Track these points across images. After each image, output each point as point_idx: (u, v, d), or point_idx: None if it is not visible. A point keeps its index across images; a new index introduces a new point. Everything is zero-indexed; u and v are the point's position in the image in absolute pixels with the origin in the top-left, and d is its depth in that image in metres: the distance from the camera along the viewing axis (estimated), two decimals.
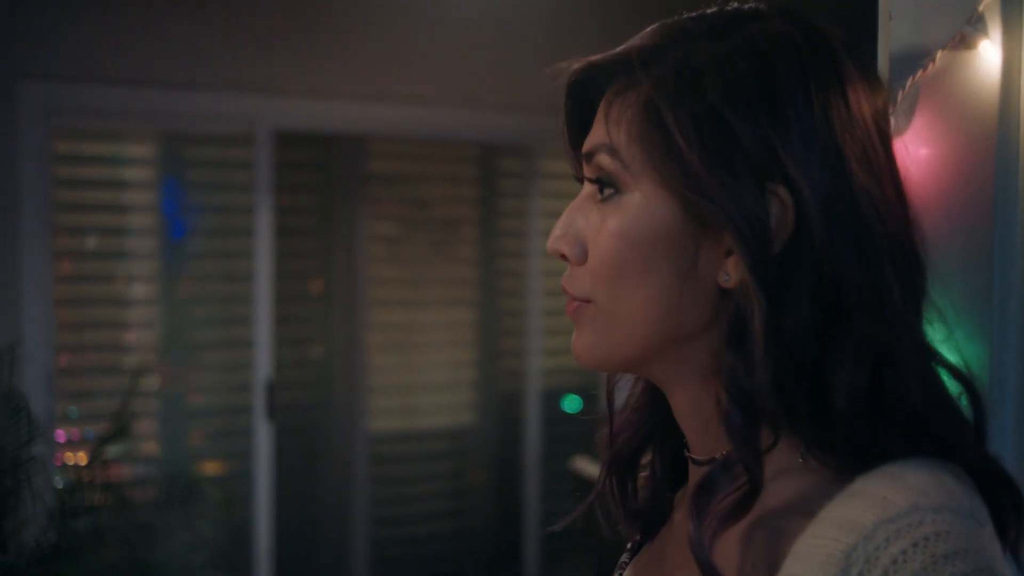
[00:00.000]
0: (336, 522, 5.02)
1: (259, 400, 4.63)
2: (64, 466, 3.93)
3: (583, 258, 1.04)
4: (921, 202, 1.15)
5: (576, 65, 1.08)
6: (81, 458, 3.79)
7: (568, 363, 5.34)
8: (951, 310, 1.07)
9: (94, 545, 3.40)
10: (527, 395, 5.27)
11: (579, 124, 1.10)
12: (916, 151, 1.17)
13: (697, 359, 1.02)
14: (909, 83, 1.16)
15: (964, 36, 1.13)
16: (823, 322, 0.95)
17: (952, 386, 1.01)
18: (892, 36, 1.18)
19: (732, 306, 0.97)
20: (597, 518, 1.21)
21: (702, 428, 1.05)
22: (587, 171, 1.05)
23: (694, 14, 1.04)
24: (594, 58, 1.06)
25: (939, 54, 1.15)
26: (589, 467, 4.60)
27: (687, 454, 1.09)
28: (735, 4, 1.04)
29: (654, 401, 1.15)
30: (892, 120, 1.19)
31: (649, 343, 1.02)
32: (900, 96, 1.17)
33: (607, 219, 1.01)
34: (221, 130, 4.64)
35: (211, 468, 4.60)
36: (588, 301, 1.03)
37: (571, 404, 5.32)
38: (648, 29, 1.05)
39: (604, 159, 1.02)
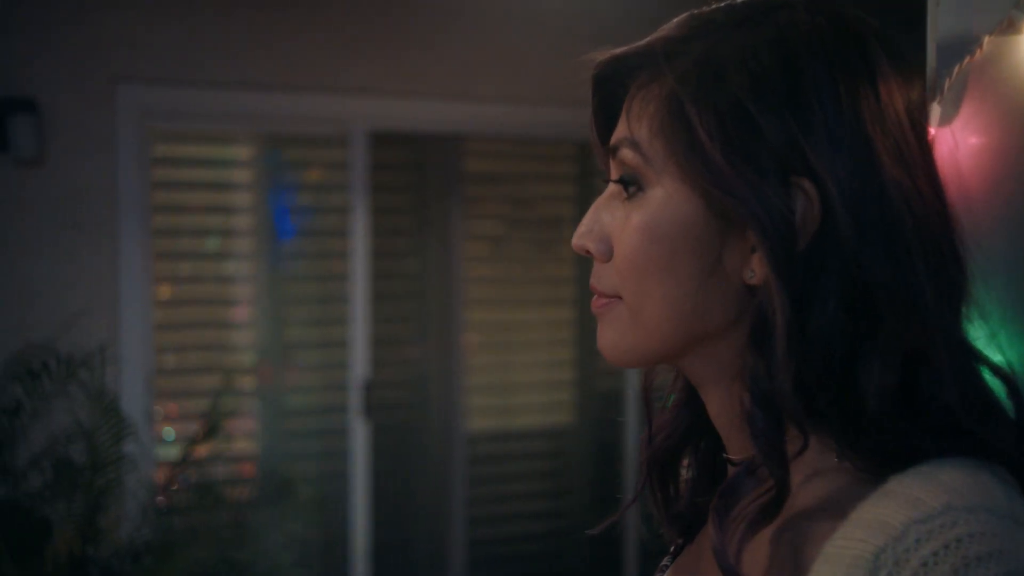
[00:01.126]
0: (433, 521, 5.03)
1: (356, 399, 4.65)
2: (160, 464, 3.99)
3: (609, 255, 1.01)
4: (969, 193, 1.09)
5: (601, 58, 1.05)
6: (176, 457, 3.84)
7: None
8: (996, 307, 1.02)
9: (187, 543, 3.44)
10: (626, 394, 5.23)
11: (606, 119, 1.08)
12: (965, 140, 1.11)
13: (724, 358, 0.99)
14: (956, 70, 1.11)
15: (1011, 20, 1.07)
16: (852, 320, 0.92)
17: (996, 385, 0.97)
18: (939, 22, 1.13)
19: (756, 304, 0.94)
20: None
21: (734, 428, 1.02)
22: (612, 166, 1.02)
23: (724, 4, 1.01)
24: (618, 51, 1.04)
25: (986, 40, 1.09)
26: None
27: (724, 455, 1.06)
28: None
29: (691, 399, 1.12)
30: (939, 108, 1.14)
31: (673, 340, 0.99)
32: (947, 84, 1.12)
33: (631, 215, 0.99)
34: (316, 131, 4.67)
35: (307, 467, 4.63)
36: (615, 297, 1.01)
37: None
38: (675, 20, 1.02)
39: (627, 154, 0.99)
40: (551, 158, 5.22)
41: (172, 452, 4.01)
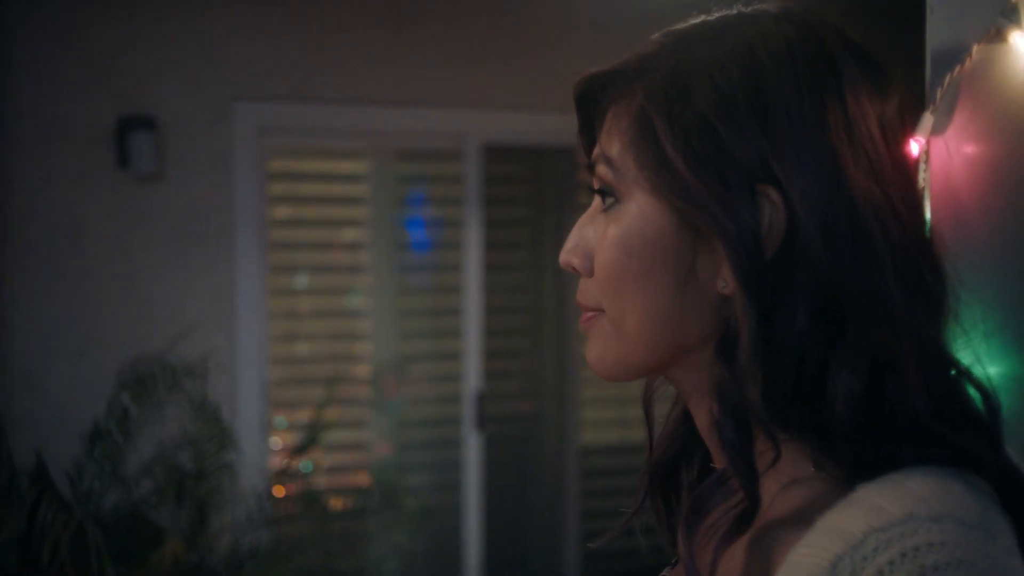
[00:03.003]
0: (546, 535, 5.02)
1: (469, 411, 4.68)
2: (271, 474, 4.06)
3: (591, 270, 1.02)
4: (960, 203, 1.07)
5: (579, 77, 1.07)
6: (286, 465, 3.91)
7: None
8: (986, 316, 1.00)
9: (291, 551, 3.50)
10: None
11: (590, 137, 1.09)
12: (958, 149, 1.09)
13: (705, 369, 0.99)
14: (948, 79, 1.08)
15: (999, 29, 1.05)
16: (820, 328, 0.92)
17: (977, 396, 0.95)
18: (933, 32, 1.10)
19: (723, 314, 0.95)
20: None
21: (715, 439, 1.01)
22: (593, 182, 1.04)
23: (698, 19, 1.03)
24: (595, 69, 1.06)
25: (975, 48, 1.06)
26: None
27: (712, 466, 1.06)
28: (742, 5, 1.02)
29: (687, 412, 1.12)
30: (932, 118, 1.11)
31: (656, 351, 0.99)
32: (939, 94, 1.09)
33: (608, 228, 1.00)
34: (431, 145, 4.72)
35: (420, 479, 4.67)
36: (599, 311, 1.02)
37: None
38: (652, 37, 1.04)
39: (601, 169, 1.01)
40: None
41: (285, 461, 4.08)
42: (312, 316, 4.66)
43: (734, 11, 1.01)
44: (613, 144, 1.00)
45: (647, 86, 0.98)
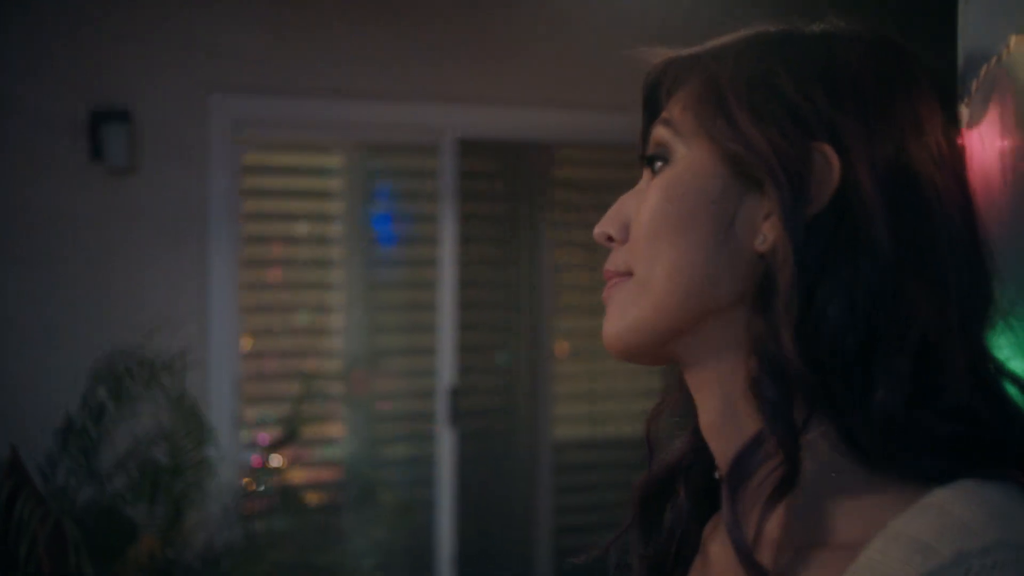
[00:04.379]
0: (519, 530, 5.01)
1: (443, 406, 4.66)
2: (242, 469, 4.03)
3: (626, 236, 1.01)
4: (994, 197, 1.07)
5: (654, 64, 1.05)
6: (262, 462, 3.88)
7: None
8: (1020, 313, 0.99)
9: (267, 547, 3.47)
10: None
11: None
12: (992, 143, 1.09)
13: (730, 332, 0.96)
14: (983, 71, 1.08)
15: None
16: (871, 301, 0.90)
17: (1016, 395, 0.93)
18: (965, 22, 1.10)
19: (766, 269, 0.93)
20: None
21: (730, 426, 0.98)
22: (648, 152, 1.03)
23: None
24: (668, 57, 1.04)
25: (1012, 39, 1.06)
26: None
27: (717, 476, 1.02)
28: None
29: (696, 430, 1.09)
30: (967, 111, 1.11)
31: (681, 311, 0.96)
32: (975, 86, 1.09)
33: (653, 182, 0.99)
34: (406, 139, 4.70)
35: (394, 474, 4.65)
36: (625, 275, 1.00)
37: None
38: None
39: (658, 131, 1.00)
40: (640, 165, 5.18)
41: (260, 457, 4.05)
42: (285, 311, 4.62)
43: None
44: (675, 107, 0.99)
45: (719, 58, 0.98)
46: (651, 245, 0.97)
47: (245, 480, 3.82)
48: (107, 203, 4.17)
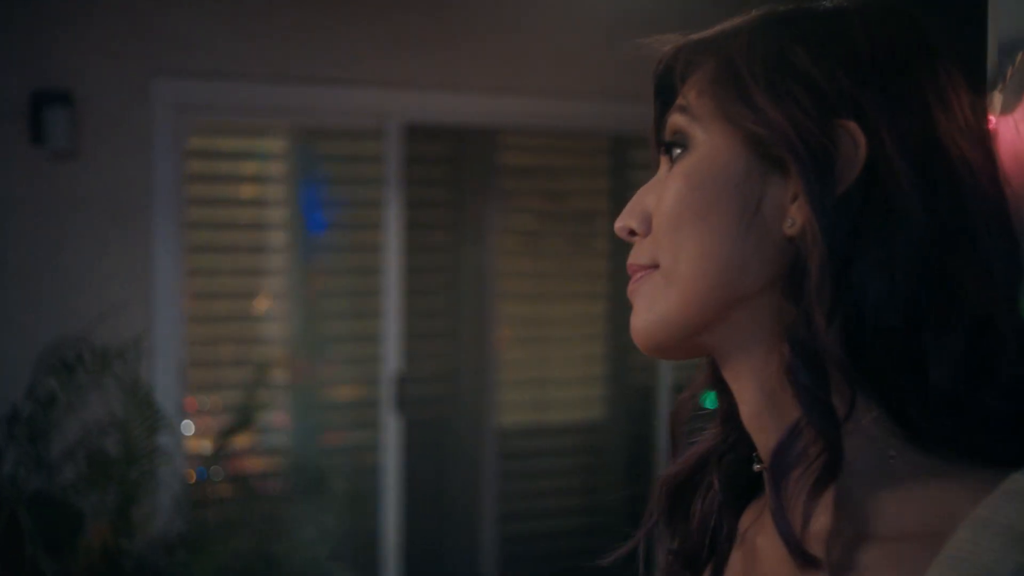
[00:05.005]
0: (464, 516, 5.01)
1: (388, 393, 4.64)
2: (193, 457, 3.99)
3: (649, 229, 0.98)
4: None
5: (665, 48, 1.02)
6: (209, 449, 3.84)
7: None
8: None
9: (221, 536, 3.44)
10: (659, 389, 5.20)
11: (663, 111, 1.04)
12: None
13: (762, 320, 0.94)
14: (1020, 57, 1.08)
15: None
16: (912, 277, 0.88)
17: None
18: (1000, 8, 1.10)
19: (796, 253, 0.91)
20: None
21: (771, 417, 0.95)
22: (660, 142, 1.01)
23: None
24: (679, 42, 1.02)
25: None
26: None
27: (758, 468, 1.00)
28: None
29: (726, 420, 1.06)
30: (1001, 97, 1.11)
31: (710, 301, 0.94)
32: (1009, 72, 1.09)
33: (673, 171, 0.97)
34: (351, 124, 4.66)
35: (339, 462, 4.62)
36: (652, 267, 0.97)
37: (712, 400, 5.23)
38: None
39: (675, 118, 0.98)
40: (585, 152, 5.19)
41: (205, 445, 4.00)
42: (230, 296, 4.57)
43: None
44: (691, 92, 0.97)
45: (733, 39, 0.96)
46: (675, 235, 0.94)
47: (194, 469, 3.77)
48: (49, 188, 4.09)
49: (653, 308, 0.96)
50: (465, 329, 5.00)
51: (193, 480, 3.62)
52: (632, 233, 0.99)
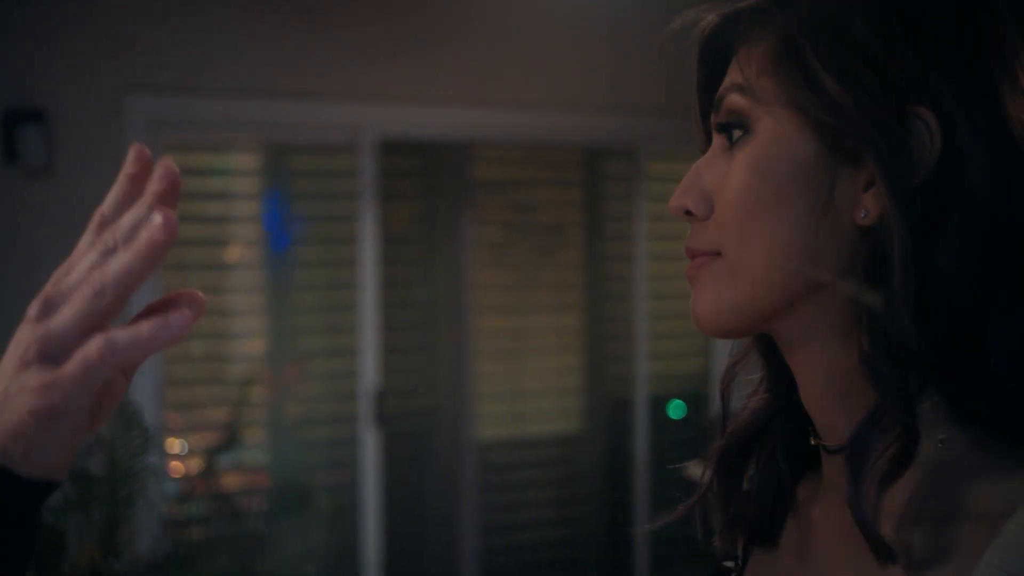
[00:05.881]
0: (444, 530, 5.00)
1: (367, 408, 4.62)
2: (176, 476, 3.95)
3: (708, 212, 0.96)
4: None
5: (710, 16, 1.00)
6: (192, 468, 3.80)
7: (676, 368, 5.28)
8: None
9: (206, 554, 3.41)
10: (635, 401, 5.21)
11: (712, 87, 1.01)
12: None
13: (833, 310, 0.93)
14: None
15: None
16: (980, 266, 0.87)
17: None
18: None
19: (870, 242, 0.89)
20: (696, 525, 1.12)
21: (831, 402, 0.96)
22: (716, 120, 0.97)
23: None
24: (727, 8, 0.99)
25: None
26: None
27: (816, 442, 1.00)
28: None
29: (775, 383, 1.06)
30: None
31: (780, 293, 0.93)
32: None
33: (736, 155, 0.94)
34: (325, 139, 4.64)
35: (320, 477, 4.60)
36: (713, 254, 0.95)
37: (676, 410, 5.25)
38: None
39: (733, 98, 0.95)
40: (558, 163, 5.20)
41: (190, 463, 3.96)
42: (207, 314, 4.53)
43: None
44: (750, 70, 0.94)
45: (790, 13, 0.92)
46: (744, 226, 0.92)
47: (180, 487, 3.74)
48: (23, 206, 4.05)
49: (720, 298, 0.95)
50: (442, 342, 4.99)
51: (177, 498, 3.59)
52: (688, 213, 0.97)
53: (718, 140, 0.97)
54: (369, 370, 4.62)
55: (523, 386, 5.13)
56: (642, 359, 5.20)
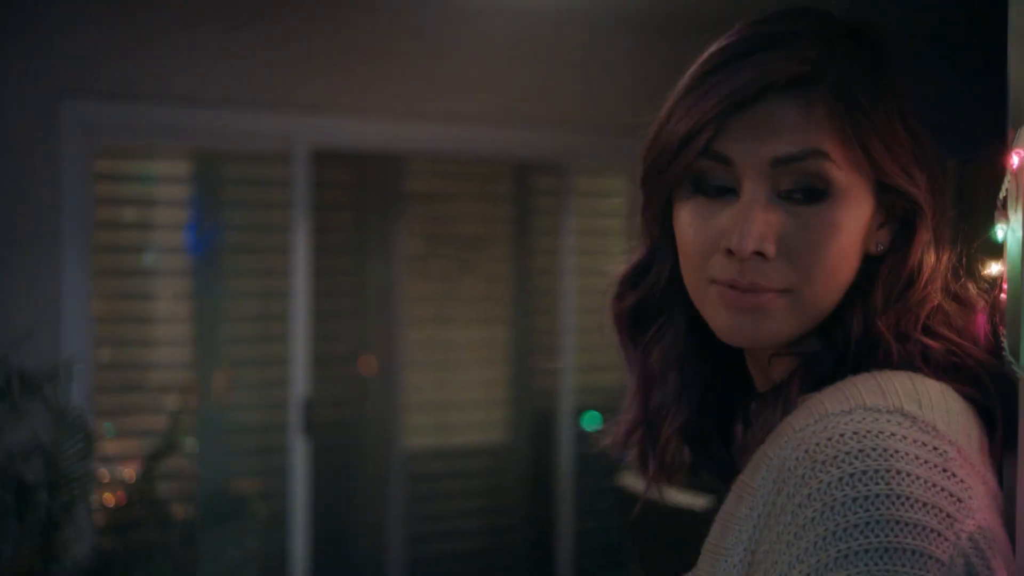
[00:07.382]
0: (372, 539, 5.02)
1: (296, 417, 4.64)
2: (111, 482, 3.94)
3: (787, 254, 1.09)
4: None
5: (749, 76, 1.09)
6: (127, 475, 3.79)
7: (600, 381, 5.35)
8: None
9: (142, 560, 3.41)
10: (560, 412, 5.28)
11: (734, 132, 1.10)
12: None
13: (817, 319, 1.14)
14: None
15: None
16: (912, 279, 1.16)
17: None
18: (1021, 46, 1.18)
19: (866, 266, 1.13)
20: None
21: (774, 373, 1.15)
22: (783, 173, 1.09)
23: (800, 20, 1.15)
24: (770, 71, 1.09)
25: None
26: (635, 482, 4.58)
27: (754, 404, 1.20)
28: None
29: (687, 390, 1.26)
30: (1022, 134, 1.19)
31: (821, 318, 1.13)
32: None
33: (824, 216, 1.09)
34: (259, 148, 4.66)
35: (248, 485, 4.60)
36: (785, 291, 1.10)
37: (590, 421, 5.32)
38: (782, 23, 1.14)
39: (817, 164, 1.09)
40: (489, 177, 5.26)
41: (124, 470, 3.95)
42: (137, 321, 4.53)
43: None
44: (822, 138, 1.08)
45: (833, 88, 1.09)
46: (827, 274, 1.10)
47: (115, 493, 3.73)
48: None
49: (787, 329, 1.12)
50: (371, 353, 5.02)
51: (112, 504, 3.58)
52: (758, 253, 1.10)
53: (764, 189, 1.09)
54: (299, 379, 4.64)
55: (450, 397, 5.18)
56: (567, 372, 5.27)
